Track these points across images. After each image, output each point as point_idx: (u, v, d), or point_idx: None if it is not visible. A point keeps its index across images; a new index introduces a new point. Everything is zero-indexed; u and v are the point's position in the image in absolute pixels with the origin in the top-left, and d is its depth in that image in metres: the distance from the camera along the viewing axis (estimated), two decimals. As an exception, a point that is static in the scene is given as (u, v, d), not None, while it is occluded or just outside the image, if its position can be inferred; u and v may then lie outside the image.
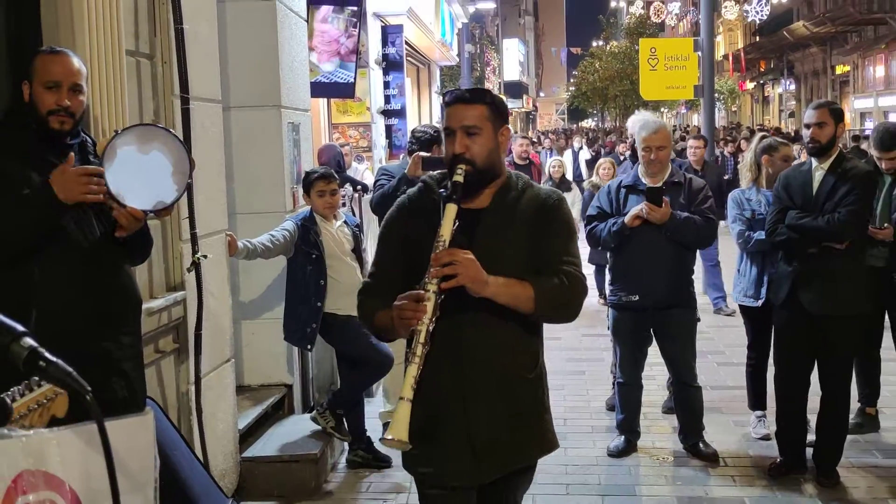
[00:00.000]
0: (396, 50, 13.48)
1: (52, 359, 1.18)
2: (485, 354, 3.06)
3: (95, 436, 1.21)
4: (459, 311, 3.00)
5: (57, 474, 1.23)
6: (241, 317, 6.33)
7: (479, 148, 3.07)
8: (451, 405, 3.08)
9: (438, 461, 3.13)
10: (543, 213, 3.13)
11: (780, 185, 5.63)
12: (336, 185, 6.05)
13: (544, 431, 3.24)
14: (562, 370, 8.37)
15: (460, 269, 2.88)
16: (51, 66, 3.40)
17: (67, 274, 3.36)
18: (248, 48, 6.33)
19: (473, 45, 29.73)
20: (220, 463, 5.17)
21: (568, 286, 3.05)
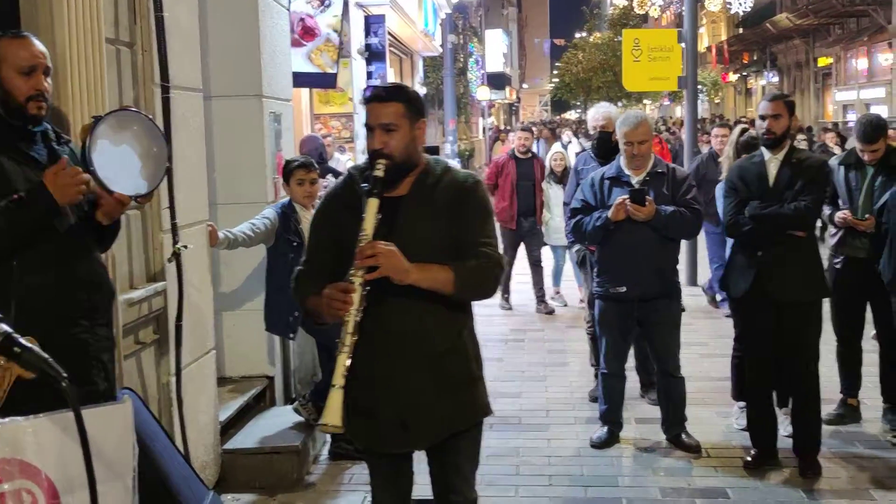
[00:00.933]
0: (379, 40, 13.43)
1: (27, 345, 1.16)
2: (411, 336, 3.30)
3: (72, 423, 1.20)
4: (386, 299, 3.21)
5: (33, 462, 1.21)
6: (222, 308, 6.29)
7: (396, 143, 3.27)
8: (382, 383, 3.32)
9: (374, 434, 3.41)
10: (460, 196, 3.35)
11: (733, 177, 5.69)
12: (316, 174, 6.03)
13: (474, 399, 3.47)
14: (544, 362, 8.39)
15: (382, 261, 3.10)
16: (21, 51, 3.33)
17: (46, 266, 3.33)
18: (229, 37, 6.28)
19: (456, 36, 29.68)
20: (200, 455, 5.14)
21: (484, 266, 3.29)
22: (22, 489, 1.20)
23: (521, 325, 9.94)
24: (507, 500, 5.25)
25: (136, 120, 3.61)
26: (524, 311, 10.65)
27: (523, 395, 7.29)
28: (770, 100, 5.61)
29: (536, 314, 10.54)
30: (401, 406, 3.33)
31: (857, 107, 31.11)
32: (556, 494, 5.38)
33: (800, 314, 5.55)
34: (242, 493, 5.37)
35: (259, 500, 5.32)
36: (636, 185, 5.85)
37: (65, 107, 3.93)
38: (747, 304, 5.66)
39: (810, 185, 5.45)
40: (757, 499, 5.25)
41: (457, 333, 3.40)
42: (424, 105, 3.52)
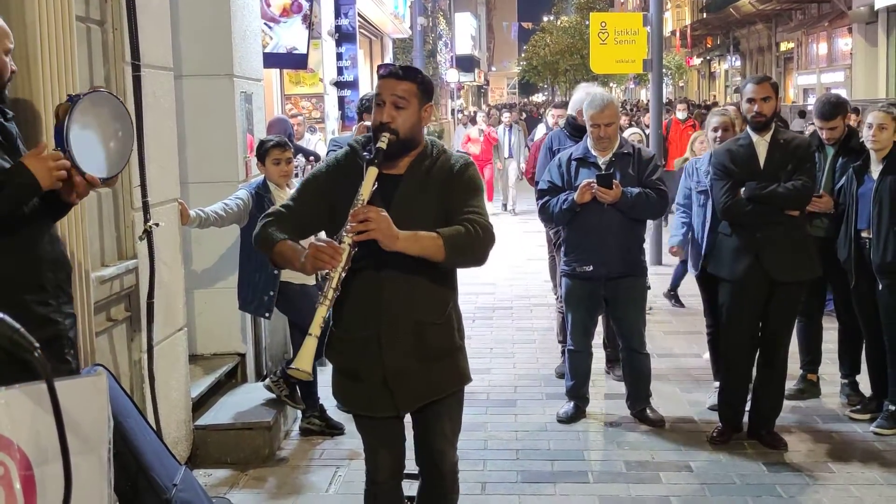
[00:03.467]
0: (349, 21, 13.40)
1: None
2: (400, 307, 3.43)
3: (45, 395, 1.20)
4: (378, 270, 3.39)
5: (5, 434, 1.21)
6: (194, 286, 6.32)
7: (403, 119, 3.40)
8: (370, 350, 3.47)
9: (362, 398, 3.59)
10: (451, 175, 3.48)
11: (724, 161, 5.69)
12: (290, 153, 6.05)
13: (455, 367, 3.62)
14: (511, 339, 8.48)
15: (373, 225, 3.18)
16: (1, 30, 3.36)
17: (15, 248, 3.31)
18: (200, 16, 6.27)
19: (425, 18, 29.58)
20: (172, 431, 5.18)
21: (473, 233, 3.34)
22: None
23: (491, 303, 10.03)
24: (476, 473, 5.33)
25: (107, 101, 3.62)
26: (493, 289, 10.72)
27: (491, 372, 7.38)
28: (757, 83, 5.64)
29: (507, 290, 10.62)
30: (386, 370, 3.46)
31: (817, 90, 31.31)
32: (524, 468, 5.47)
33: (789, 293, 5.67)
34: (214, 469, 5.43)
35: (231, 475, 5.38)
36: (602, 165, 5.93)
37: (35, 85, 3.93)
38: (743, 284, 5.69)
39: (801, 164, 5.55)
40: (719, 472, 5.37)
41: (443, 306, 3.52)
42: (433, 91, 3.62)
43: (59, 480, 1.16)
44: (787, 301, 5.70)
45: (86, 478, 1.17)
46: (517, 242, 14.20)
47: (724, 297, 5.86)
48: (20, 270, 3.33)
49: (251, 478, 5.35)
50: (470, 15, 56.73)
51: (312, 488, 5.23)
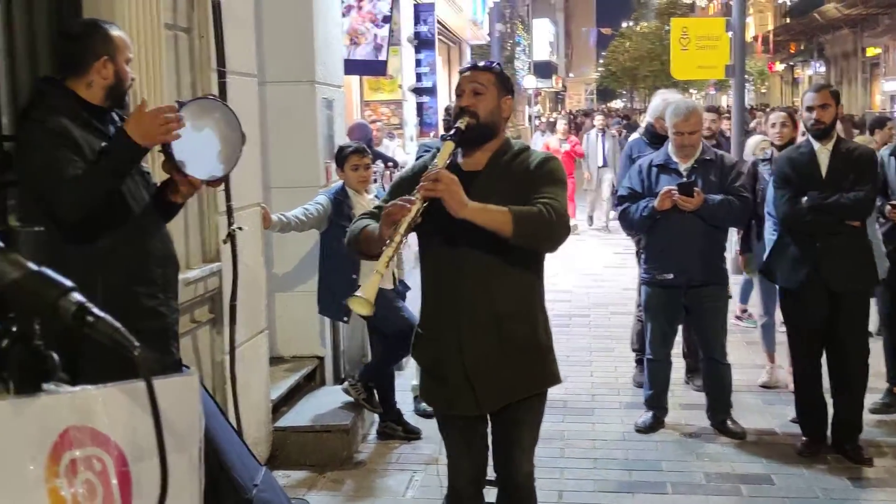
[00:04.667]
0: (428, 28, 13.43)
1: (99, 314, 1.19)
2: (482, 303, 3.42)
3: (141, 393, 1.23)
4: (456, 263, 3.41)
5: (103, 430, 1.24)
6: (275, 289, 6.41)
7: (483, 105, 3.46)
8: (452, 347, 3.48)
9: (444, 396, 3.60)
10: (531, 170, 3.47)
11: (785, 168, 5.63)
12: (369, 159, 6.10)
13: (542, 366, 3.59)
14: (589, 347, 8.43)
15: (443, 186, 3.18)
16: (127, 42, 3.55)
17: (128, 243, 3.47)
18: (283, 23, 6.37)
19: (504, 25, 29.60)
20: (253, 432, 5.25)
21: (546, 214, 3.28)
22: (92, 456, 1.23)
23: (568, 311, 9.97)
24: (553, 482, 5.30)
25: (217, 108, 3.76)
26: (570, 297, 10.66)
27: (569, 380, 7.30)
28: (816, 90, 5.58)
29: (584, 298, 10.55)
30: (467, 368, 3.46)
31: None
32: (601, 477, 5.43)
33: (853, 303, 5.56)
34: (293, 470, 5.49)
35: (309, 476, 5.43)
36: (684, 172, 5.86)
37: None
38: (801, 294, 5.62)
39: (863, 175, 5.45)
40: (802, 486, 5.26)
41: (521, 297, 3.49)
42: (513, 87, 3.69)
43: (153, 478, 1.19)
44: (852, 311, 5.57)
45: (178, 476, 1.19)
46: (594, 250, 14.10)
47: (785, 306, 5.84)
48: (133, 264, 3.48)
49: (329, 480, 5.40)
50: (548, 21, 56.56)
51: (389, 492, 5.26)
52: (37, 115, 3.43)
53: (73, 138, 3.35)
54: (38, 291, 1.18)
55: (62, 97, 3.45)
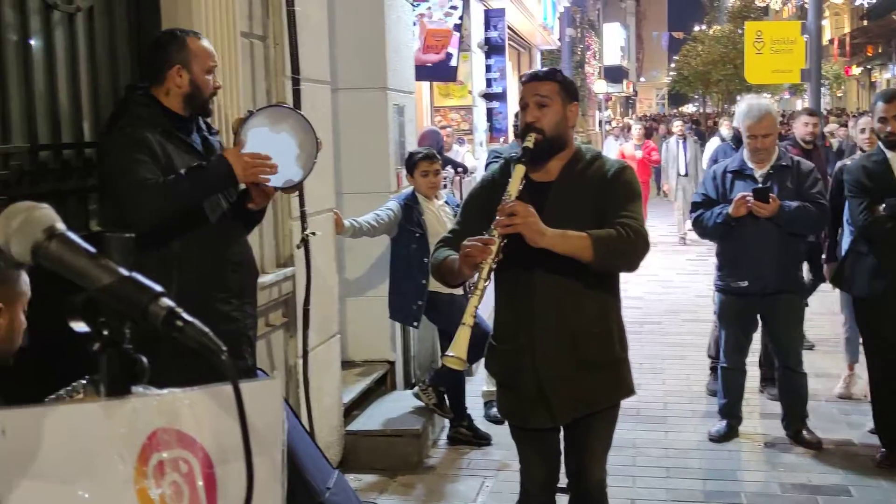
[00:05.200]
0: (499, 34, 13.45)
1: (189, 319, 1.21)
2: (557, 319, 3.40)
3: (226, 397, 1.25)
4: (531, 277, 3.38)
5: (189, 433, 1.26)
6: (346, 294, 6.46)
7: (548, 119, 3.41)
8: (526, 361, 3.45)
9: (518, 408, 3.57)
10: (606, 181, 3.42)
11: (859, 177, 5.53)
12: (439, 165, 6.12)
13: (617, 379, 3.56)
14: (660, 355, 8.34)
15: (519, 219, 3.16)
16: (207, 51, 3.61)
17: (203, 248, 3.53)
18: (355, 30, 6.43)
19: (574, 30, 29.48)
20: (325, 435, 5.30)
21: (626, 236, 3.26)
22: (179, 458, 1.26)
23: (639, 318, 9.88)
24: (625, 490, 5.25)
25: (289, 115, 3.80)
26: (641, 304, 10.57)
27: (641, 388, 7.17)
28: (887, 101, 5.47)
29: (656, 305, 10.45)
30: (542, 381, 3.44)
31: None
32: (674, 486, 5.37)
33: None
34: (364, 474, 5.52)
35: (380, 480, 5.46)
36: (759, 178, 5.77)
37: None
38: (879, 304, 5.51)
39: None
40: (880, 498, 5.14)
41: (596, 313, 3.45)
42: (577, 91, 3.64)
43: (238, 480, 1.20)
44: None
45: (262, 479, 1.21)
46: (666, 256, 13.95)
47: (861, 316, 5.73)
48: (207, 269, 3.54)
49: (399, 484, 5.43)
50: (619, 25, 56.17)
51: (460, 497, 5.26)
52: (120, 122, 3.51)
53: (152, 147, 3.41)
54: (129, 296, 1.21)
55: (145, 106, 3.52)
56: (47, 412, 1.19)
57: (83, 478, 1.19)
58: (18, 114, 3.39)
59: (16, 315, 2.32)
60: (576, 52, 30.30)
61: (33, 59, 3.45)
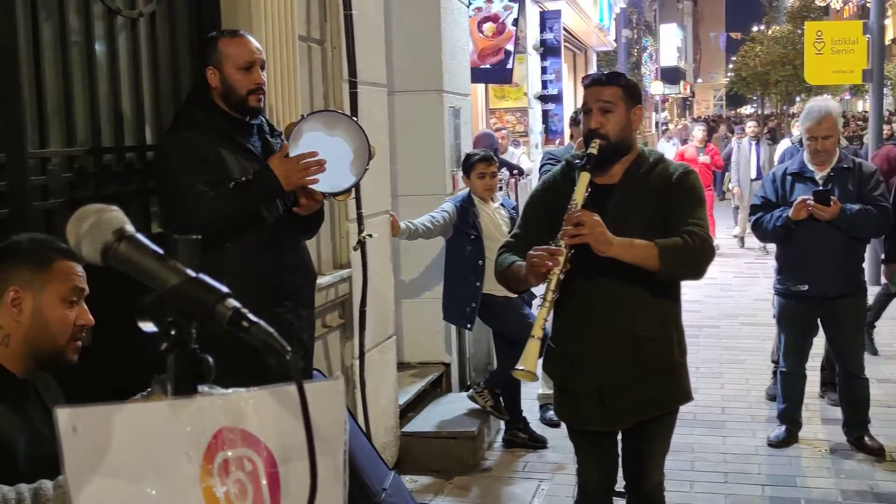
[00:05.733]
0: (554, 35, 13.43)
1: (254, 319, 1.23)
2: (615, 320, 3.39)
3: (289, 397, 1.26)
4: (592, 282, 3.36)
5: (253, 432, 1.28)
6: (402, 296, 6.48)
7: (612, 124, 3.39)
8: (585, 365, 3.45)
9: (576, 412, 3.57)
10: (670, 184, 3.41)
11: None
12: (496, 167, 6.11)
13: (675, 384, 3.54)
14: (719, 359, 8.25)
15: (586, 229, 3.17)
16: (240, 48, 3.56)
17: (255, 250, 3.53)
18: (411, 33, 6.46)
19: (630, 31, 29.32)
20: (381, 436, 5.32)
21: (692, 245, 3.26)
22: (244, 457, 1.27)
23: (697, 321, 9.78)
24: (682, 495, 5.21)
25: (342, 120, 3.78)
26: (699, 307, 10.46)
27: (698, 392, 7.10)
28: None
29: (714, 308, 10.34)
30: (601, 385, 3.44)
31: None
32: (732, 492, 5.31)
33: None
34: (420, 475, 5.53)
35: (435, 482, 5.47)
36: (820, 180, 5.69)
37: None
38: None
39: None
40: (946, 506, 5.05)
41: (658, 319, 3.44)
42: (641, 93, 3.62)
43: (301, 480, 1.22)
44: None
45: (324, 479, 1.22)
46: (725, 259, 13.79)
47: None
48: (260, 271, 3.54)
49: (455, 486, 5.43)
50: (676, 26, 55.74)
51: (516, 500, 5.25)
52: (179, 125, 3.56)
53: (204, 152, 3.43)
54: (196, 297, 1.23)
55: (203, 109, 3.56)
56: (116, 410, 1.21)
57: (151, 475, 1.21)
58: (82, 117, 3.46)
59: (46, 304, 2.35)
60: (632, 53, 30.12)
61: (97, 63, 3.51)
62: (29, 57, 3.13)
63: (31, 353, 2.36)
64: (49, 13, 3.26)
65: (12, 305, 2.33)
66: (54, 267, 2.36)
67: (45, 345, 2.36)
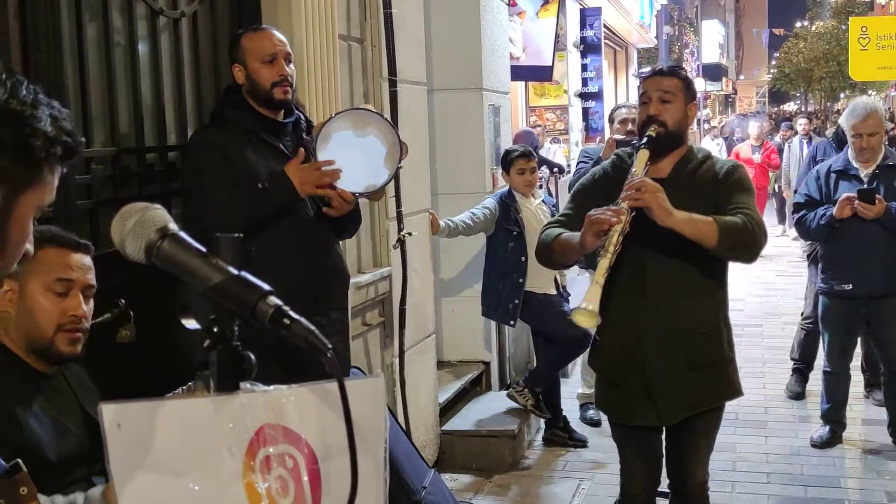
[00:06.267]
0: (595, 33, 13.34)
1: (295, 317, 1.24)
2: (667, 318, 3.38)
3: (329, 394, 1.28)
4: (642, 275, 3.38)
5: (295, 429, 1.29)
6: (442, 294, 6.48)
7: (670, 114, 3.44)
8: (633, 359, 3.44)
9: (623, 406, 3.55)
10: (719, 179, 3.44)
11: None
12: (535, 163, 6.10)
13: (724, 379, 3.53)
14: (761, 358, 8.19)
15: (648, 195, 3.17)
16: (262, 41, 3.54)
17: (282, 252, 3.50)
18: (451, 31, 6.45)
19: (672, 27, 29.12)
20: (421, 434, 5.33)
21: (749, 226, 3.26)
22: (285, 453, 1.28)
23: (740, 321, 9.69)
24: (725, 495, 5.17)
25: (372, 118, 3.71)
26: (742, 306, 10.36)
27: (740, 391, 7.12)
28: None
29: (757, 308, 10.24)
30: (649, 382, 3.44)
31: None
32: (775, 492, 5.26)
33: None
34: (459, 474, 5.54)
35: (475, 481, 5.47)
36: (865, 178, 5.61)
37: (302, 100, 4.15)
38: None
39: None
40: None
41: (707, 312, 3.44)
42: (696, 91, 3.66)
43: (342, 477, 1.22)
44: None
45: (365, 476, 1.23)
46: (767, 259, 13.65)
47: None
48: (289, 274, 3.47)
49: (495, 485, 5.42)
50: (718, 22, 55.21)
51: (556, 499, 5.24)
52: (208, 124, 3.57)
53: (225, 152, 3.40)
54: (238, 294, 1.24)
55: (233, 107, 3.54)
56: (160, 406, 1.22)
57: (194, 471, 1.22)
58: (126, 117, 3.49)
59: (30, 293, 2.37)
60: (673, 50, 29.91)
61: (139, 63, 3.55)
62: (73, 57, 3.17)
63: (26, 344, 2.39)
64: (93, 14, 3.30)
65: (4, 296, 2.36)
66: (38, 256, 2.37)
67: (34, 334, 2.38)
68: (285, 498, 1.26)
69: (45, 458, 2.30)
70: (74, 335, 2.43)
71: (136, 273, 2.35)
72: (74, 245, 2.45)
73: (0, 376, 2.33)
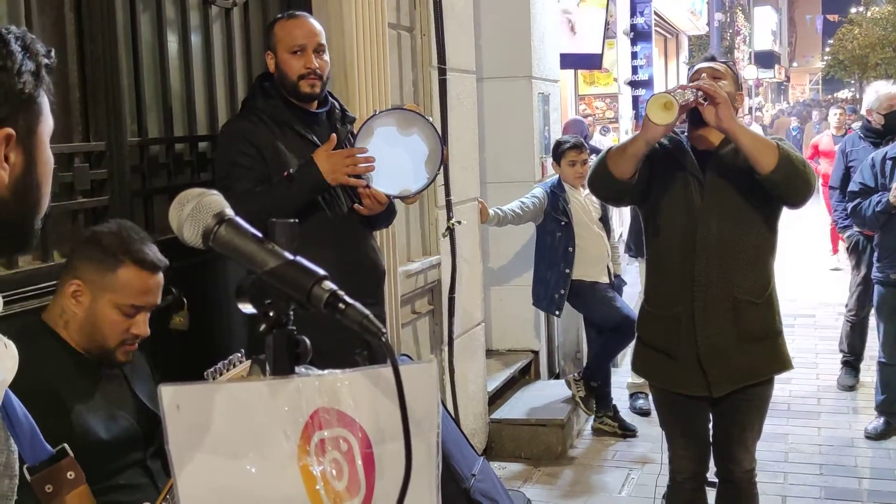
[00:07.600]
0: (645, 20, 13.22)
1: (350, 301, 1.25)
2: (716, 283, 3.36)
3: (383, 379, 1.29)
4: (693, 244, 3.36)
5: (349, 413, 1.30)
6: (490, 283, 6.48)
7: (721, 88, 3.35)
8: (684, 328, 3.42)
9: (671, 374, 3.52)
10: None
11: None
12: (587, 154, 6.07)
13: (775, 351, 3.50)
14: (814, 349, 8.09)
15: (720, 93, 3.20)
16: (293, 30, 3.41)
17: (314, 247, 3.44)
18: (500, 19, 6.43)
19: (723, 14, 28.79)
20: (470, 422, 5.34)
21: (804, 164, 3.28)
22: (339, 437, 1.29)
23: (793, 310, 9.56)
24: (776, 486, 5.12)
25: (416, 120, 3.58)
26: (794, 296, 10.23)
27: (792, 382, 7.01)
28: None
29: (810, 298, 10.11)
30: (700, 351, 3.41)
31: None
32: (828, 484, 5.20)
33: None
34: (508, 462, 5.54)
35: (524, 469, 5.47)
36: (923, 164, 5.52)
37: (351, 89, 4.15)
38: None
39: None
40: None
41: (762, 285, 3.42)
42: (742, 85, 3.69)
43: (395, 461, 1.23)
44: None
45: (418, 461, 1.24)
46: (819, 248, 13.48)
47: None
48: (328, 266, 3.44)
49: (544, 474, 5.42)
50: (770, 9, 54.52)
51: (605, 489, 5.22)
52: (239, 113, 3.55)
53: (255, 142, 3.32)
54: (294, 279, 1.26)
55: (265, 96, 3.45)
56: (217, 389, 1.24)
57: (251, 452, 1.24)
58: (179, 106, 3.53)
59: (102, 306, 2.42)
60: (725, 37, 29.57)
61: (192, 52, 3.58)
62: (127, 47, 3.20)
63: (85, 345, 2.44)
64: (146, 4, 3.34)
65: (72, 296, 2.41)
66: (119, 274, 2.42)
67: (95, 341, 2.44)
68: (340, 481, 1.27)
69: (96, 442, 2.34)
70: (133, 347, 2.50)
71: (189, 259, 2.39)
72: (152, 267, 2.47)
73: (53, 364, 2.37)
